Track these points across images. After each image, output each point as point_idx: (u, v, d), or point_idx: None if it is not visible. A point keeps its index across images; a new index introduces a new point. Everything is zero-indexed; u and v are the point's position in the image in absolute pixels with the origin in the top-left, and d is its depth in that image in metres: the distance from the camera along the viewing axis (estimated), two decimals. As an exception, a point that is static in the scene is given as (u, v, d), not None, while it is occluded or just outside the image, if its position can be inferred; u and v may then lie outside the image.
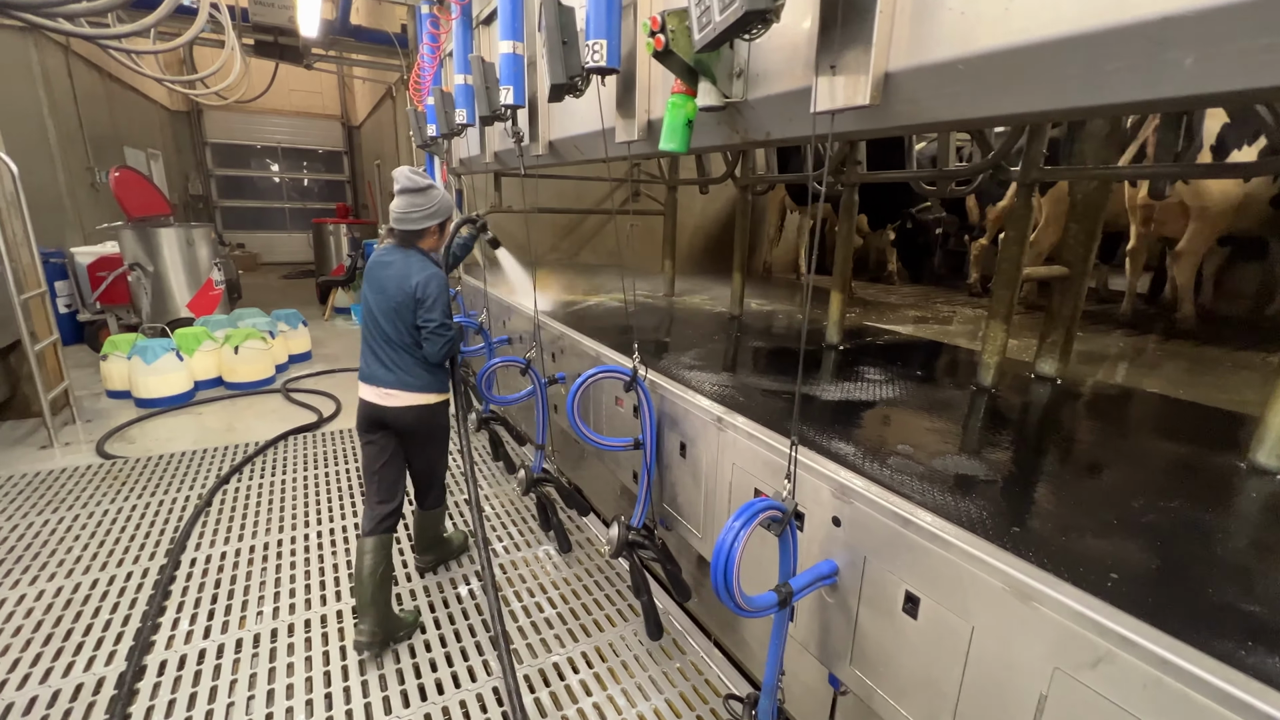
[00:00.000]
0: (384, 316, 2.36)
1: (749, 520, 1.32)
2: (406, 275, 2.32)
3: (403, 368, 2.39)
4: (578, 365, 3.03)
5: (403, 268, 2.34)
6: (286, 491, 3.79)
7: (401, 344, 2.38)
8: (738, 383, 2.44)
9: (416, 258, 2.38)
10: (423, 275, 2.32)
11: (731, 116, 1.61)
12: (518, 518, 3.53)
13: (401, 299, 2.33)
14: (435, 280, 2.33)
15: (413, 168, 2.38)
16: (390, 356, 2.39)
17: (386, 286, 2.34)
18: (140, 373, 5.26)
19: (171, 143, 13.32)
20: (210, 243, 6.95)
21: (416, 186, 2.33)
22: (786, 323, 4.02)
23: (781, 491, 1.42)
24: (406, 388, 2.40)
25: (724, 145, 1.75)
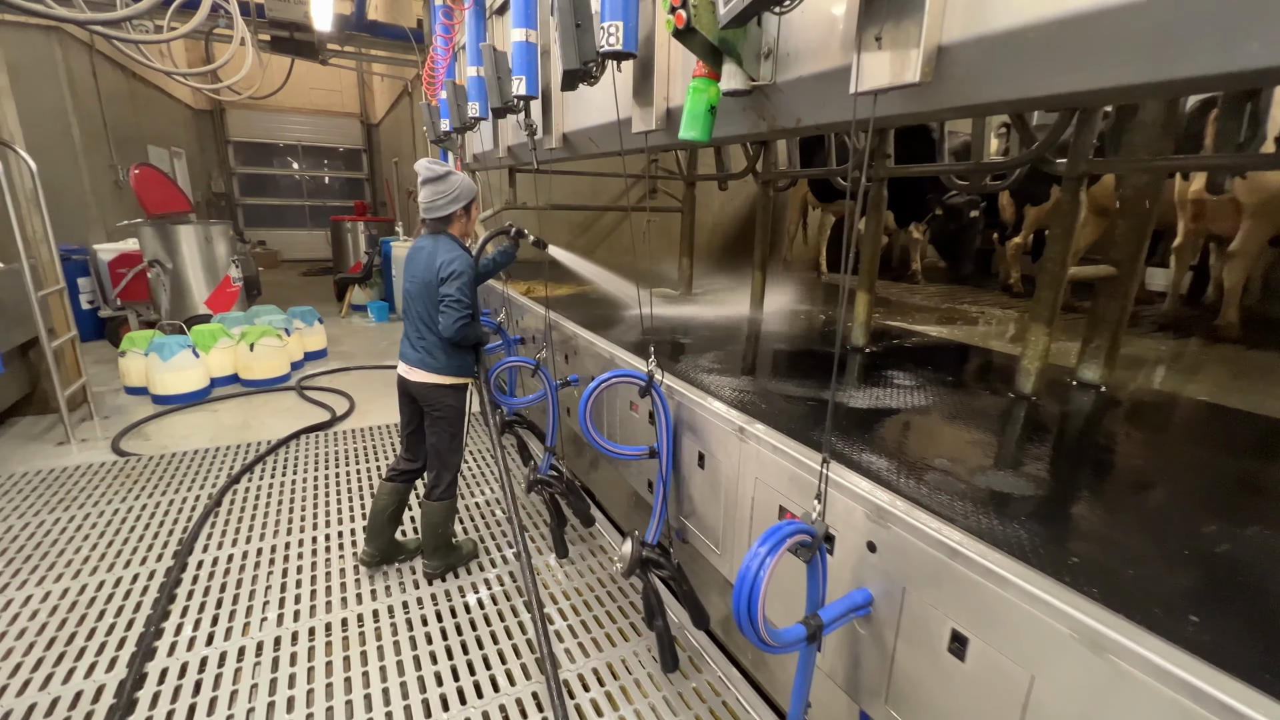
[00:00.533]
0: (416, 299, 2.58)
1: (775, 546, 1.19)
2: (434, 257, 2.50)
3: (426, 348, 2.60)
4: (590, 368, 2.92)
5: (432, 251, 2.52)
6: (297, 492, 3.74)
7: (428, 325, 2.57)
8: (760, 388, 2.30)
9: (445, 242, 2.54)
10: (448, 255, 2.48)
11: (758, 102, 1.48)
12: (531, 522, 3.43)
13: (429, 278, 2.50)
14: (459, 260, 2.48)
15: (430, 158, 2.54)
16: (418, 337, 2.62)
17: (417, 270, 2.56)
18: (157, 369, 5.27)
19: (195, 141, 13.49)
20: (228, 240, 6.97)
21: (435, 175, 2.49)
22: (809, 323, 3.86)
23: (811, 513, 1.29)
24: (425, 367, 2.61)
25: (749, 134, 1.62)
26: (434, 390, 2.63)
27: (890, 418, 2.08)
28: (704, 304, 4.62)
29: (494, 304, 4.61)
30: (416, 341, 2.61)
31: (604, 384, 2.01)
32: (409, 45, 6.47)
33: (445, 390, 2.65)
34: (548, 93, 2.60)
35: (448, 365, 2.61)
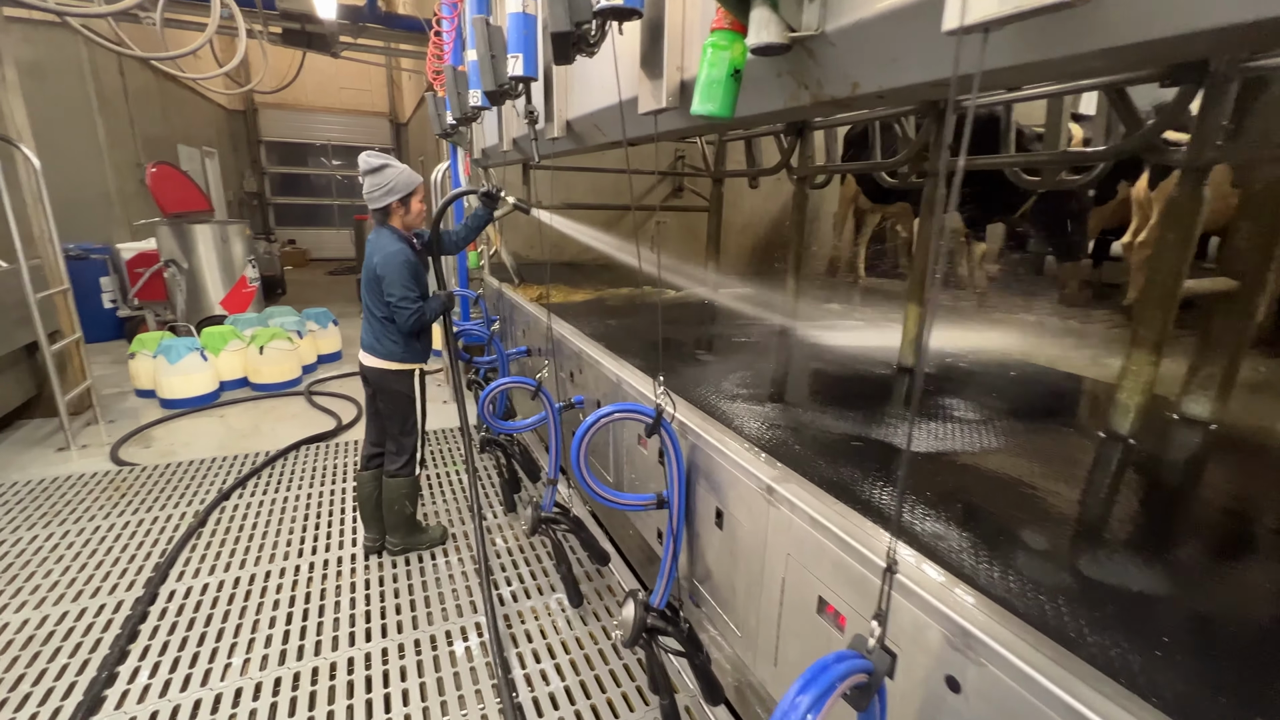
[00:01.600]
0: (365, 289, 2.71)
1: (822, 696, 0.82)
2: (372, 254, 2.61)
3: (374, 335, 2.73)
4: (596, 390, 2.56)
5: (373, 248, 2.61)
6: (288, 510, 3.48)
7: (373, 314, 2.71)
8: (794, 422, 1.92)
9: (385, 236, 2.62)
10: (382, 255, 2.56)
11: (799, 62, 1.10)
12: (531, 556, 3.10)
13: (369, 276, 2.63)
14: (392, 258, 2.55)
15: (372, 150, 2.64)
16: (368, 325, 2.76)
17: (367, 264, 2.66)
18: (164, 372, 5.13)
19: (228, 141, 13.63)
20: (245, 239, 6.86)
21: (372, 167, 2.57)
22: (852, 339, 3.44)
23: (868, 636, 0.91)
24: (374, 353, 2.75)
25: (785, 110, 1.24)
26: (383, 375, 2.77)
27: (952, 468, 1.67)
28: (732, 311, 4.22)
29: (502, 311, 4.30)
30: (366, 329, 2.76)
31: (599, 422, 1.65)
32: (425, 38, 6.23)
33: (392, 375, 2.77)
34: (551, 73, 2.26)
35: (394, 351, 2.73)
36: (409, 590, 2.82)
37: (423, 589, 2.83)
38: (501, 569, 3.00)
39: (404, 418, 2.85)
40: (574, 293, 4.63)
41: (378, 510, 2.98)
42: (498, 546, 3.20)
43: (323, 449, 4.38)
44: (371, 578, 2.90)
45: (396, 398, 2.81)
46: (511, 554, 3.14)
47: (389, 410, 2.84)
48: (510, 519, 3.43)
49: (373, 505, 2.98)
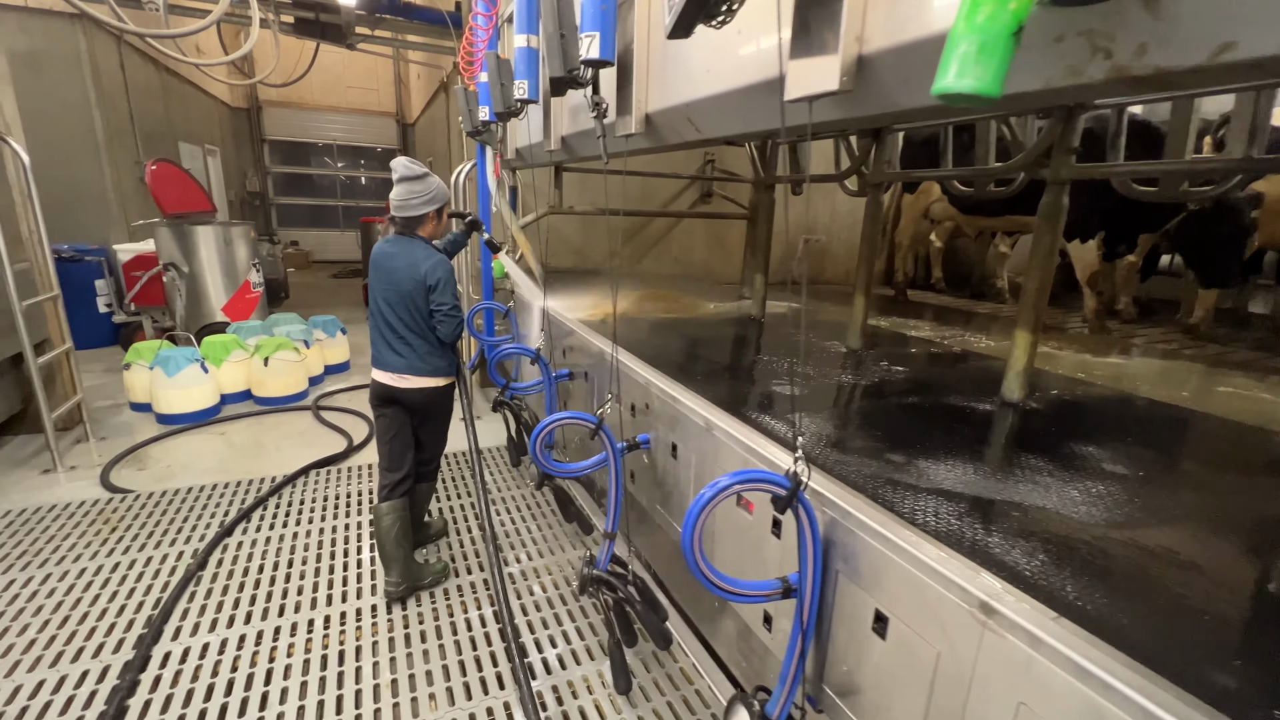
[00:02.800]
0: (395, 305, 2.53)
1: None
2: (414, 264, 2.47)
3: (413, 354, 2.57)
4: (670, 432, 2.20)
5: (409, 257, 2.49)
6: (297, 549, 3.11)
7: (413, 330, 2.55)
8: (974, 496, 1.56)
9: (420, 246, 2.54)
10: (429, 262, 2.48)
11: (1115, 15, 0.74)
12: (575, 610, 2.73)
13: (412, 287, 2.49)
14: (441, 265, 2.51)
15: (410, 158, 2.55)
16: (400, 343, 2.57)
17: (396, 277, 2.50)
18: (162, 385, 4.75)
19: (230, 139, 13.27)
20: (249, 242, 6.49)
21: (413, 174, 2.50)
22: (946, 365, 3.09)
23: None
24: (417, 373, 2.59)
25: (1046, 88, 0.88)
26: (432, 394, 2.66)
27: (1116, 542, 1.31)
28: (786, 329, 3.87)
29: (529, 324, 3.93)
30: (401, 347, 2.58)
31: (720, 497, 1.29)
32: (445, 31, 5.90)
33: (443, 391, 2.71)
34: (627, 58, 1.90)
35: (440, 367, 2.64)
36: (439, 652, 2.45)
37: (455, 650, 2.45)
38: (542, 624, 2.62)
39: (444, 433, 2.86)
40: (629, 297, 4.26)
41: (399, 548, 2.67)
42: (535, 595, 2.83)
43: (333, 474, 4.01)
44: (397, 636, 2.53)
45: (442, 413, 2.78)
46: (552, 604, 2.77)
47: (432, 428, 2.78)
48: (550, 558, 3.07)
49: (394, 543, 2.65)
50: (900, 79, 1.06)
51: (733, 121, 1.54)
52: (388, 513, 2.65)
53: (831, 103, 1.17)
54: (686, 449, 2.00)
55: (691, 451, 1.97)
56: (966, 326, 4.30)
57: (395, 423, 2.67)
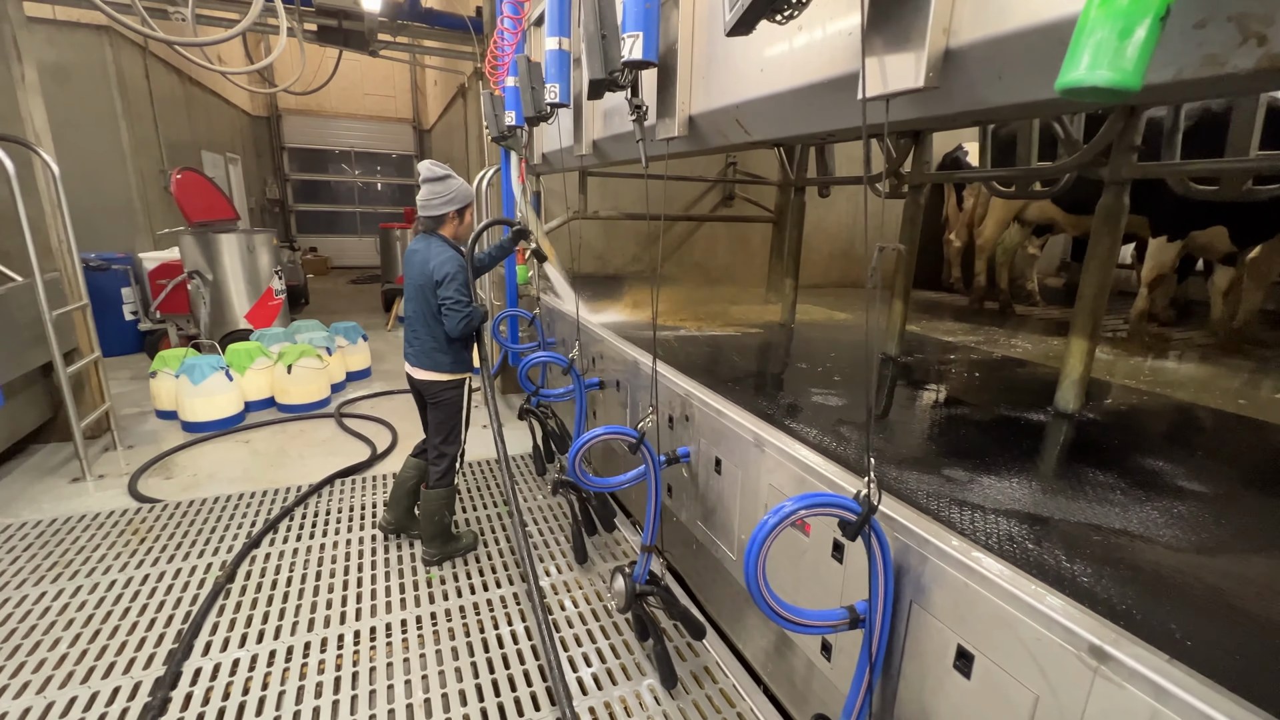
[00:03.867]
0: (414, 299, 2.72)
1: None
2: (427, 261, 2.63)
3: (422, 348, 2.77)
4: (714, 447, 2.12)
5: (425, 255, 2.65)
6: (325, 562, 3.07)
7: (423, 324, 2.73)
8: (1034, 507, 1.46)
9: (437, 243, 2.67)
10: (439, 258, 2.62)
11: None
12: (610, 626, 2.65)
13: (424, 281, 2.65)
14: (450, 261, 2.62)
15: (434, 160, 2.68)
16: (412, 335, 2.79)
17: (413, 272, 2.69)
18: (187, 394, 4.76)
19: (251, 147, 13.44)
20: (272, 249, 6.52)
21: (435, 176, 2.64)
22: (996, 373, 2.98)
23: None
24: (422, 366, 2.80)
25: (1184, 79, 0.79)
26: (434, 385, 2.82)
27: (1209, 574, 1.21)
28: (821, 337, 3.77)
29: (561, 332, 3.87)
30: (415, 342, 2.78)
31: (784, 523, 1.21)
32: (467, 36, 5.89)
33: (445, 385, 2.83)
34: (670, 59, 1.83)
35: (444, 363, 2.77)
36: (472, 670, 2.39)
37: (488, 668, 2.39)
38: (576, 641, 2.55)
39: (450, 428, 2.91)
40: (636, 308, 4.19)
41: (407, 497, 3.10)
42: (566, 610, 2.76)
43: (357, 483, 3.97)
44: (428, 653, 2.47)
45: (448, 408, 2.86)
46: (584, 619, 2.69)
47: (437, 419, 2.88)
48: (578, 575, 3.00)
49: (405, 490, 3.08)
50: (993, 74, 0.98)
51: (788, 122, 1.46)
52: (412, 466, 3.09)
53: (909, 101, 1.08)
54: (732, 464, 1.92)
55: (737, 467, 1.89)
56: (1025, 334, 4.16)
57: (423, 405, 2.98)
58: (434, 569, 3.02)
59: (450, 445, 2.94)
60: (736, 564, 1.96)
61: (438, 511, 2.94)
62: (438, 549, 3.01)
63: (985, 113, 1.15)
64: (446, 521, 2.99)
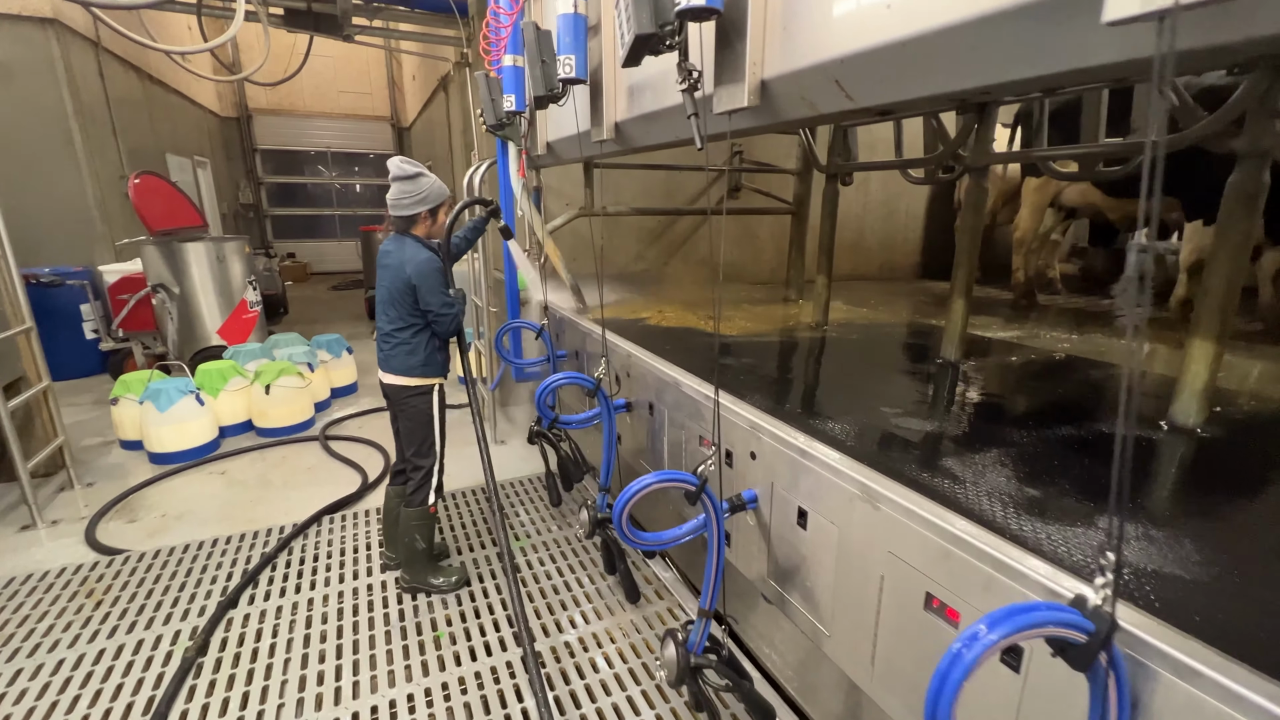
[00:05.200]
0: (384, 301, 2.58)
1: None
2: (401, 264, 2.48)
3: (392, 351, 2.60)
4: (792, 493, 1.73)
5: (399, 256, 2.50)
6: (314, 623, 2.65)
7: (392, 329, 2.58)
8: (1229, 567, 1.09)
9: (410, 245, 2.52)
10: (415, 262, 2.47)
11: None
12: (652, 690, 2.26)
13: (400, 285, 2.50)
14: (426, 263, 2.48)
15: (404, 157, 2.53)
16: (386, 340, 2.63)
17: (386, 275, 2.54)
18: (153, 421, 4.28)
19: (221, 150, 12.79)
20: (245, 258, 6.02)
21: (405, 174, 2.49)
22: (1074, 375, 2.63)
23: None
24: (391, 370, 2.63)
25: None
26: (401, 391, 2.64)
27: None
28: (865, 340, 3.40)
29: (572, 344, 3.46)
30: (383, 344, 2.63)
31: (993, 649, 0.82)
32: (450, 19, 5.42)
33: (412, 391, 2.64)
34: (737, 10, 1.42)
35: (412, 367, 2.60)
36: (498, 763, 1.99)
37: (517, 761, 2.00)
38: (616, 715, 2.16)
39: (421, 439, 2.70)
40: (660, 310, 3.78)
41: (395, 527, 2.85)
42: (600, 671, 2.37)
43: (348, 519, 3.54)
44: (442, 741, 2.07)
45: (414, 416, 2.67)
46: (623, 683, 2.31)
47: (406, 429, 2.71)
48: (611, 619, 2.61)
49: (394, 521, 2.85)
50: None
51: (933, 76, 1.07)
52: (393, 495, 2.89)
53: (1196, 21, 0.70)
54: (825, 519, 1.53)
55: (833, 523, 1.50)
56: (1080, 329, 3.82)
57: (396, 418, 2.80)
58: (442, 628, 2.61)
59: (423, 458, 2.72)
60: (831, 641, 1.57)
61: (408, 533, 2.72)
62: (412, 575, 2.81)
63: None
64: (420, 547, 2.75)
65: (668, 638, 1.89)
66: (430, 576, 2.82)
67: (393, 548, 2.96)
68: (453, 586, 2.83)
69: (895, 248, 7.48)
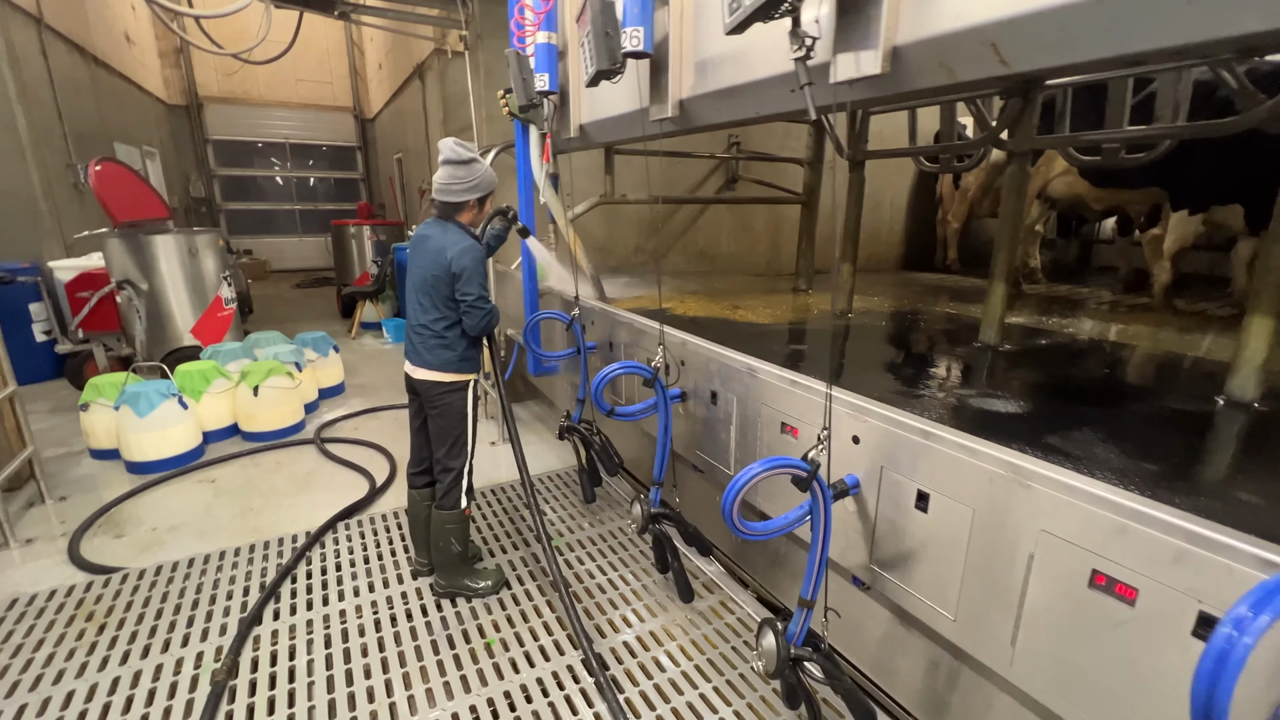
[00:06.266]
0: (417, 289, 2.41)
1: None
2: (442, 249, 2.32)
3: (424, 345, 2.44)
4: (906, 473, 1.68)
5: (439, 241, 2.35)
6: (350, 637, 2.46)
7: (427, 319, 2.41)
8: None
9: (454, 231, 2.38)
10: (458, 248, 2.31)
11: None
12: (724, 686, 2.19)
13: (437, 271, 2.33)
14: (470, 252, 2.33)
15: (458, 139, 2.36)
16: (413, 330, 2.47)
17: (424, 261, 2.37)
18: (132, 428, 3.95)
19: (170, 140, 12.00)
20: (218, 252, 5.64)
21: (460, 158, 2.34)
22: (1110, 356, 2.68)
23: None
24: (425, 365, 2.46)
25: None
26: (434, 387, 2.48)
27: None
28: (901, 328, 3.40)
29: (610, 335, 3.35)
30: (415, 338, 2.48)
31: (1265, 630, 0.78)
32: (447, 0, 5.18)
33: (448, 386, 2.48)
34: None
35: (449, 361, 2.45)
36: (582, 773, 1.89)
37: (603, 770, 1.89)
38: (693, 714, 2.08)
39: (454, 438, 2.54)
40: (683, 300, 3.70)
41: (428, 531, 2.68)
42: (666, 669, 2.28)
43: (365, 524, 3.34)
44: (518, 754, 1.95)
45: (448, 413, 2.50)
46: (693, 681, 2.23)
47: (438, 428, 2.54)
48: (666, 615, 2.52)
49: (422, 525, 2.72)
50: None
51: (1127, 35, 1.02)
52: (417, 500, 2.71)
53: None
54: (953, 500, 1.49)
55: (964, 504, 1.46)
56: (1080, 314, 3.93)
57: (418, 414, 2.63)
58: (491, 634, 2.48)
59: (455, 459, 2.56)
60: (955, 625, 1.54)
61: (443, 537, 2.58)
62: (448, 579, 2.67)
63: None
64: (456, 550, 2.61)
65: (765, 627, 1.83)
66: (467, 580, 2.68)
67: (423, 553, 2.83)
68: (492, 590, 2.70)
69: (880, 239, 7.60)
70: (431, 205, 2.43)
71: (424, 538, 2.77)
